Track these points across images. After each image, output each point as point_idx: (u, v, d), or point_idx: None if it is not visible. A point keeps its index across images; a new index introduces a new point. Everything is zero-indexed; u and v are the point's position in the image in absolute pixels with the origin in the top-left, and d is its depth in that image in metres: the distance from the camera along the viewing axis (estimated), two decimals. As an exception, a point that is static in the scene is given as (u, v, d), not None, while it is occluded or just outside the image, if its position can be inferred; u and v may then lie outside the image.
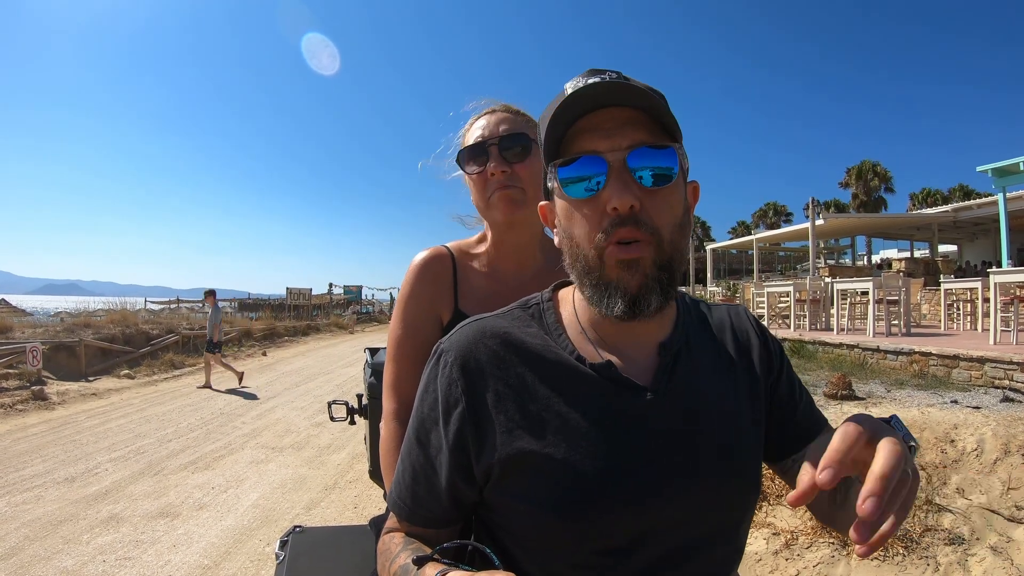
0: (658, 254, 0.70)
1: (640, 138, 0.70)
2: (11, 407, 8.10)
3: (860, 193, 41.33)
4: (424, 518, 0.78)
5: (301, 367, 13.45)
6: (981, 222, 19.37)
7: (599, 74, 0.71)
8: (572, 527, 0.69)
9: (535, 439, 0.71)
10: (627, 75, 0.73)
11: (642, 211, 0.70)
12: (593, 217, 0.71)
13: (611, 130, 0.71)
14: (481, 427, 0.73)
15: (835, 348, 7.84)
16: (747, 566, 3.17)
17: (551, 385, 0.74)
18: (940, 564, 2.88)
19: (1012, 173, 12.66)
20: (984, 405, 4.53)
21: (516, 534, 0.74)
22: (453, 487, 0.75)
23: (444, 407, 0.75)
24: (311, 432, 6.95)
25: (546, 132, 0.73)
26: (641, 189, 0.70)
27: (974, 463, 3.52)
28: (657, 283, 0.71)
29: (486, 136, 1.14)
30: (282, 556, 1.50)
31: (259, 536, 3.94)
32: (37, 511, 4.38)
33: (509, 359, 0.76)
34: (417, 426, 0.79)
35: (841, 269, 20.90)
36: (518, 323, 0.80)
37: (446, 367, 0.76)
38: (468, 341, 0.77)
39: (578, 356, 0.75)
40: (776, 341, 0.90)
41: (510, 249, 1.21)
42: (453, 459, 0.74)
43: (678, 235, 0.72)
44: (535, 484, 0.70)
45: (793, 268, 33.31)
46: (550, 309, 0.82)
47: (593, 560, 0.70)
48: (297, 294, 30.24)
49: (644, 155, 0.70)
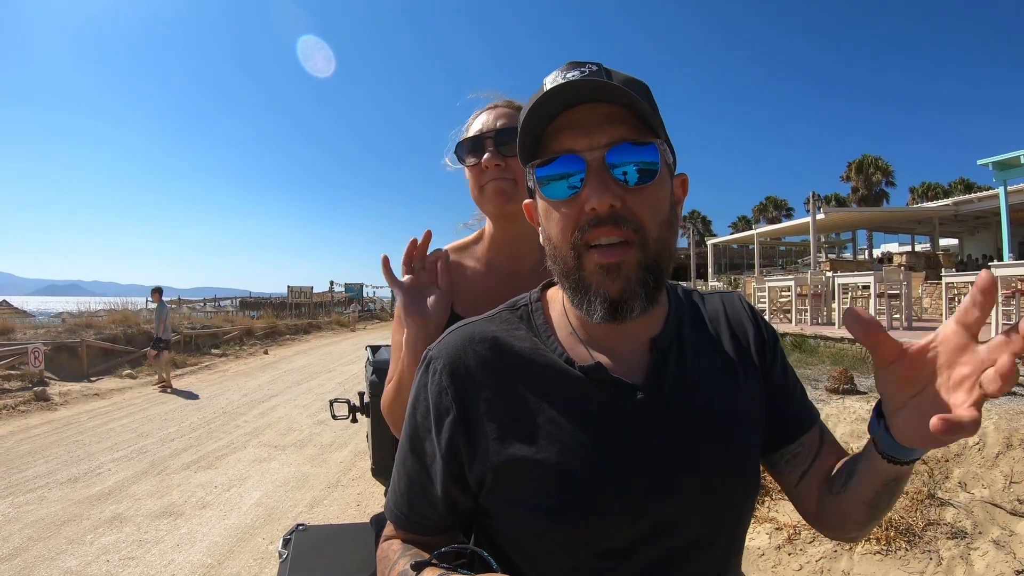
0: (643, 254, 0.68)
1: (620, 134, 0.68)
2: (14, 408, 8.11)
3: (861, 187, 41.25)
4: (421, 526, 0.77)
5: (303, 365, 13.46)
6: (982, 215, 19.31)
7: (578, 67, 0.68)
8: (568, 532, 0.68)
9: (527, 445, 0.70)
10: (609, 67, 0.70)
11: (624, 209, 0.68)
12: (571, 216, 0.69)
13: (590, 127, 0.68)
14: (473, 434, 0.72)
15: (837, 342, 7.83)
16: (750, 561, 3.18)
17: (541, 390, 0.73)
18: (943, 558, 2.89)
19: (1013, 166, 12.62)
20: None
21: (513, 539, 0.73)
22: (448, 495, 0.74)
23: (436, 415, 0.74)
24: (313, 430, 6.96)
25: (522, 130, 0.71)
26: (623, 187, 0.68)
27: (976, 457, 3.52)
28: (641, 287, 0.69)
29: (483, 130, 1.17)
30: (285, 554, 1.51)
31: (262, 534, 3.95)
32: (40, 512, 4.39)
33: (499, 365, 0.75)
34: (410, 435, 0.78)
35: (842, 263, 20.90)
36: (506, 326, 0.79)
37: (436, 374, 0.75)
38: (457, 347, 0.76)
39: (567, 359, 0.74)
40: (770, 327, 0.87)
41: (506, 243, 1.22)
42: (447, 467, 0.73)
43: (665, 232, 0.70)
44: (529, 490, 0.70)
45: (794, 262, 33.31)
46: (539, 310, 0.81)
47: (592, 563, 0.70)
48: (298, 292, 30.29)
49: (625, 151, 0.68)
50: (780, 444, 0.83)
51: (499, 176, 1.14)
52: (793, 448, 0.83)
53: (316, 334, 22.54)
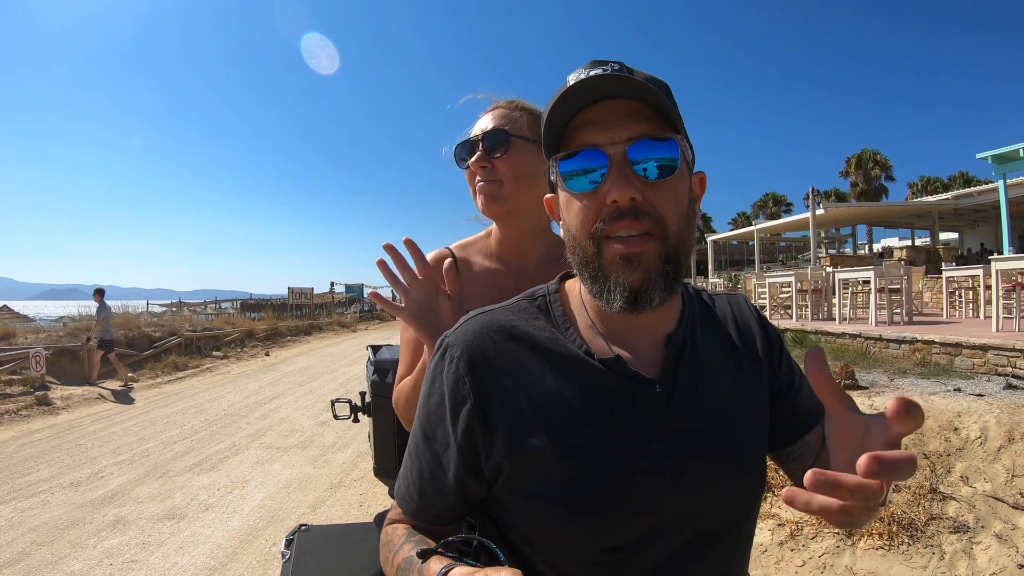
0: (663, 246, 0.69)
1: (641, 130, 0.69)
2: (16, 413, 8.11)
3: (860, 182, 41.18)
4: (430, 514, 0.77)
5: (304, 366, 13.46)
6: (982, 209, 19.27)
7: (601, 65, 0.70)
8: (583, 524, 0.69)
9: (546, 435, 0.70)
10: (630, 66, 0.72)
11: (644, 203, 0.69)
12: (592, 208, 0.70)
13: (612, 122, 0.70)
14: (490, 424, 0.72)
15: (837, 338, 7.83)
16: (753, 557, 3.17)
17: (561, 380, 0.73)
18: (945, 552, 2.89)
19: (1012, 160, 12.60)
20: (987, 393, 4.53)
21: (525, 531, 0.73)
22: (461, 484, 0.74)
23: (451, 404, 0.74)
24: (315, 431, 6.97)
25: (546, 125, 0.73)
26: (643, 181, 0.69)
27: (978, 451, 3.52)
28: (661, 277, 0.70)
29: (476, 133, 1.19)
30: (288, 555, 1.51)
31: (265, 536, 3.96)
32: (44, 516, 4.39)
33: (517, 354, 0.74)
34: (424, 422, 0.78)
35: (842, 258, 20.86)
36: (525, 316, 0.79)
37: (452, 362, 0.75)
38: (475, 335, 0.76)
39: (587, 350, 0.74)
40: (775, 329, 0.89)
41: (511, 240, 1.24)
42: (462, 456, 0.73)
43: (684, 226, 0.71)
44: (546, 481, 0.70)
45: (794, 258, 33.27)
46: (557, 301, 0.81)
47: (603, 557, 0.70)
48: (299, 293, 30.29)
49: (646, 147, 0.69)
50: (788, 441, 0.85)
51: (486, 178, 1.16)
52: (799, 445, 0.85)
53: (317, 335, 22.54)
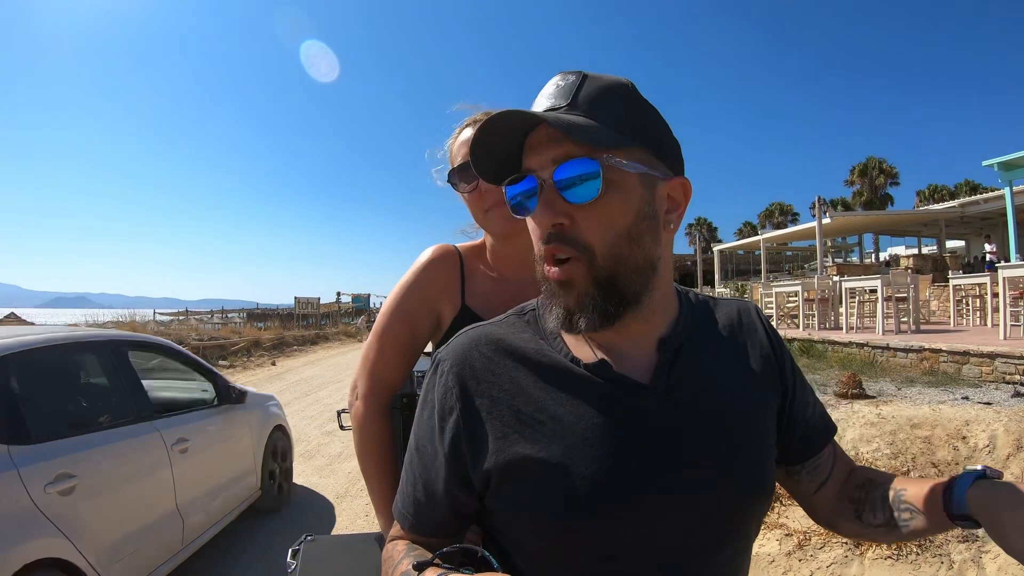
0: (592, 270, 0.69)
1: (565, 151, 0.68)
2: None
3: (865, 190, 41.13)
4: (426, 527, 0.77)
5: (310, 376, 13.49)
6: (988, 217, 19.20)
7: (566, 78, 0.70)
8: (573, 533, 0.68)
9: (531, 444, 0.70)
10: (595, 73, 0.71)
11: (572, 227, 0.69)
12: (537, 231, 0.72)
13: (543, 144, 0.70)
14: (476, 433, 0.72)
15: (844, 347, 7.80)
16: (760, 567, 3.16)
17: (546, 388, 0.73)
18: (954, 562, 2.86)
19: (1018, 167, 12.58)
20: (995, 401, 4.50)
21: (517, 541, 0.73)
22: (452, 496, 0.74)
23: (440, 415, 0.75)
24: (321, 441, 6.97)
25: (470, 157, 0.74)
26: (571, 205, 0.68)
27: (986, 459, 3.50)
28: (591, 301, 0.70)
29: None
30: (293, 565, 1.51)
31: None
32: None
33: (503, 364, 0.75)
34: (417, 435, 0.79)
35: (849, 267, 20.81)
36: (513, 329, 0.80)
37: (443, 375, 0.76)
38: (463, 349, 0.77)
39: (572, 358, 0.74)
40: (781, 340, 0.87)
41: (509, 255, 1.24)
42: (450, 467, 0.74)
43: (623, 246, 0.69)
44: (533, 490, 0.69)
45: (801, 267, 33.17)
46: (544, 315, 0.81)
47: (596, 567, 0.69)
48: (305, 303, 30.42)
49: (570, 168, 0.67)
50: (800, 457, 0.85)
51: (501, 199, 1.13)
52: (814, 461, 0.85)
53: (323, 345, 22.57)
